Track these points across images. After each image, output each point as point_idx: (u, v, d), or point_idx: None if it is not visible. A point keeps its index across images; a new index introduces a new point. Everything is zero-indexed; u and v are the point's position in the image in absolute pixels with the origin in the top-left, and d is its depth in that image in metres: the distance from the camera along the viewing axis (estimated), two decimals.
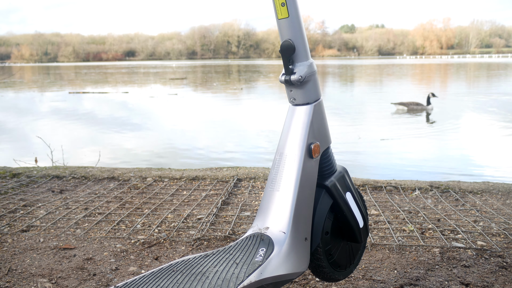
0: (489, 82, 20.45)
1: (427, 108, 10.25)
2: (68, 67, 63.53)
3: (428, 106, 10.26)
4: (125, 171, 3.25)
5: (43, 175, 3.17)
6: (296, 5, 1.16)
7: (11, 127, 9.05)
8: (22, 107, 12.76)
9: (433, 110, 10.20)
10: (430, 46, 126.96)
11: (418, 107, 10.29)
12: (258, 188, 2.81)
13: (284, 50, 1.16)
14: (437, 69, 36.74)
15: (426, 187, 2.78)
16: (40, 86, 22.20)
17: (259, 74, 31.55)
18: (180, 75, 31.25)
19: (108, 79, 27.84)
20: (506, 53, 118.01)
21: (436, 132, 7.80)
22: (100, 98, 14.84)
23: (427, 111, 10.20)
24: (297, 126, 1.21)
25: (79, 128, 8.78)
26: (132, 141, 7.25)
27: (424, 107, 10.27)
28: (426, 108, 10.25)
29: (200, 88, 19.26)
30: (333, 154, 1.33)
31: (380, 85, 19.61)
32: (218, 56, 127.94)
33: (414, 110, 10.24)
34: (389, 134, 7.51)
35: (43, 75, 36.62)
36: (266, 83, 21.71)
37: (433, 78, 24.26)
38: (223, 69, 44.96)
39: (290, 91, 1.22)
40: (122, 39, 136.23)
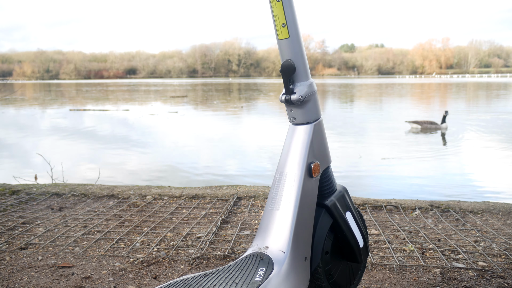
0: (492, 101, 20.53)
1: (441, 127, 10.26)
2: (69, 85, 63.85)
3: (442, 124, 10.27)
4: (125, 189, 3.24)
5: (42, 192, 3.17)
6: (297, 26, 1.18)
7: (12, 143, 9.06)
8: (22, 123, 12.78)
9: (447, 130, 10.21)
10: (429, 65, 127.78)
11: (432, 126, 10.30)
12: (258, 207, 2.80)
13: (285, 70, 1.18)
14: (439, 88, 36.90)
15: (426, 207, 2.77)
16: (41, 103, 22.28)
17: (259, 92, 31.69)
18: (181, 93, 31.39)
19: (109, 97, 27.96)
20: (505, 73, 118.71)
21: (438, 151, 7.80)
22: (100, 116, 14.88)
23: (442, 130, 10.21)
24: (297, 145, 1.21)
25: (79, 145, 8.79)
26: (132, 159, 7.25)
27: (438, 126, 10.28)
28: (440, 127, 10.26)
29: (200, 106, 19.32)
30: (333, 173, 1.33)
31: (388, 104, 19.67)
32: (218, 74, 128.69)
33: (428, 129, 10.25)
34: (396, 153, 7.51)
35: (44, 92, 36.78)
36: (267, 101, 21.79)
37: (440, 98, 24.36)
38: (224, 87, 45.17)
39: (291, 111, 1.23)
40: (123, 57, 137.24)
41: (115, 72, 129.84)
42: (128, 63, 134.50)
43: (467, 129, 10.42)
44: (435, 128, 10.25)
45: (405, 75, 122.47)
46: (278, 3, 1.16)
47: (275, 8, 1.17)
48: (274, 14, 1.17)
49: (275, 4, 1.16)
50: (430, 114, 14.49)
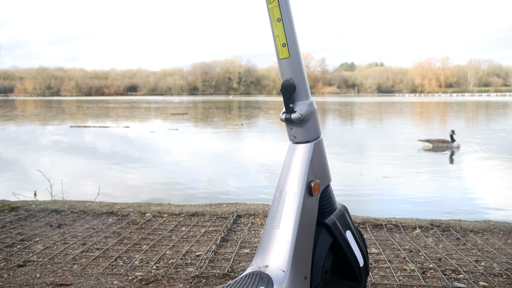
0: (499, 119, 20.58)
1: (453, 145, 10.30)
2: (70, 101, 64.11)
3: (454, 143, 10.32)
4: (124, 206, 3.23)
5: (41, 209, 3.16)
6: (297, 45, 1.20)
7: (12, 160, 9.06)
8: (23, 140, 12.80)
9: (459, 148, 10.24)
10: (428, 84, 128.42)
11: (443, 145, 10.35)
12: (258, 225, 2.79)
13: (285, 89, 1.19)
14: (441, 107, 37.03)
15: (426, 226, 2.76)
16: (41, 119, 22.34)
17: (259, 110, 31.80)
18: (181, 110, 31.50)
19: (109, 114, 28.04)
20: (504, 92, 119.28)
21: (440, 169, 7.80)
22: (101, 132, 14.91)
23: (453, 148, 10.24)
24: (298, 163, 1.22)
25: (79, 162, 8.78)
26: (132, 176, 7.24)
27: (450, 144, 10.33)
28: (452, 145, 10.31)
29: (200, 123, 19.37)
30: (333, 192, 1.33)
31: (390, 122, 19.72)
32: (219, 92, 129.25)
33: (439, 147, 10.28)
34: (398, 171, 7.50)
35: (45, 109, 36.91)
36: (267, 119, 21.86)
37: (444, 116, 24.42)
38: (224, 104, 45.35)
39: (291, 129, 1.24)
40: (124, 74, 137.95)
41: (116, 89, 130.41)
42: (129, 80, 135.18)
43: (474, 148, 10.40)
44: (447, 146, 10.29)
45: (405, 94, 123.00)
46: (278, 23, 1.18)
47: (275, 28, 1.18)
48: (274, 34, 1.19)
49: (275, 24, 1.18)
50: (432, 131, 14.52)
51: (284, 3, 1.18)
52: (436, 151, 9.98)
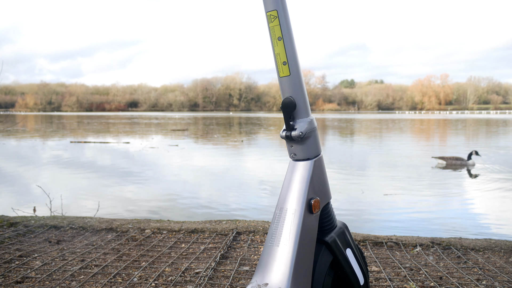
0: (508, 137, 20.60)
1: (468, 163, 10.26)
2: (71, 117, 64.28)
3: (469, 161, 10.29)
4: (124, 222, 3.22)
5: (40, 224, 3.15)
6: (297, 64, 1.21)
7: (11, 175, 9.05)
8: (23, 155, 12.80)
9: (474, 166, 10.20)
10: (428, 101, 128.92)
11: (457, 162, 10.31)
12: (258, 242, 2.78)
13: (285, 107, 1.20)
14: (446, 124, 37.12)
15: (427, 243, 2.75)
16: (42, 134, 22.37)
17: (259, 126, 31.87)
18: (182, 126, 31.57)
19: (110, 129, 28.09)
20: (504, 109, 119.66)
21: (440, 186, 7.79)
22: (101, 148, 14.92)
23: (468, 166, 10.19)
24: (298, 181, 1.22)
25: (79, 177, 8.78)
26: (132, 191, 7.23)
27: (465, 162, 10.29)
28: (467, 163, 10.27)
29: (201, 139, 19.39)
30: (333, 209, 1.33)
31: (393, 139, 19.74)
32: (219, 108, 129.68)
33: (453, 165, 10.26)
34: (400, 188, 7.49)
35: (46, 124, 36.99)
36: (267, 135, 21.88)
37: (452, 133, 24.46)
38: (224, 121, 45.46)
39: (291, 147, 1.24)
40: (125, 90, 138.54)
41: (117, 105, 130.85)
42: (130, 96, 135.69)
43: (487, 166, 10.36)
44: (461, 164, 10.25)
45: (405, 111, 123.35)
46: (279, 42, 1.19)
47: (276, 46, 1.20)
48: (275, 53, 1.20)
49: (276, 43, 1.19)
50: (442, 149, 14.53)
51: (285, 22, 1.19)
52: (450, 168, 9.94)
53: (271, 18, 1.20)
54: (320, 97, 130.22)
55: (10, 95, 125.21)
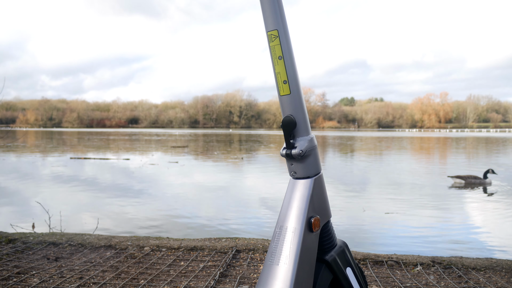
0: (503, 155, 20.61)
1: (485, 182, 10.30)
2: (71, 133, 64.36)
3: (486, 180, 10.34)
4: (123, 239, 3.21)
5: (39, 241, 3.13)
6: (298, 82, 1.22)
7: (11, 191, 9.03)
8: (23, 171, 12.79)
9: (491, 185, 10.20)
10: (428, 119, 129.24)
11: (476, 181, 10.32)
12: (257, 260, 2.76)
13: (286, 125, 1.20)
14: (449, 142, 37.14)
15: (428, 263, 2.73)
16: (42, 150, 22.38)
17: (260, 144, 31.89)
18: (182, 143, 31.60)
19: (110, 146, 28.11)
20: (503, 127, 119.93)
21: (442, 204, 7.77)
22: (101, 164, 14.91)
23: (486, 185, 10.20)
24: (298, 199, 1.22)
25: (78, 193, 8.76)
26: (131, 208, 7.21)
27: (482, 180, 10.32)
28: (484, 182, 10.30)
29: (201, 156, 19.40)
30: (333, 228, 1.33)
31: (395, 157, 19.74)
32: (220, 125, 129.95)
33: (472, 183, 10.25)
34: (401, 207, 7.47)
35: (46, 140, 37.02)
36: (267, 153, 21.89)
37: (454, 152, 24.47)
38: (225, 138, 45.51)
39: (291, 165, 1.25)
40: (126, 106, 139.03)
41: (118, 121, 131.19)
42: (130, 113, 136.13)
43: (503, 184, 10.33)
44: (479, 183, 10.27)
45: (405, 129, 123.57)
46: (280, 61, 1.20)
47: (277, 65, 1.21)
48: (276, 71, 1.21)
49: (277, 62, 1.21)
50: (455, 167, 14.52)
51: (286, 42, 1.20)
52: (468, 187, 9.91)
53: (272, 37, 1.21)
54: (320, 115, 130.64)
55: (11, 111, 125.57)
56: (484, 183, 10.21)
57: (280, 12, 1.21)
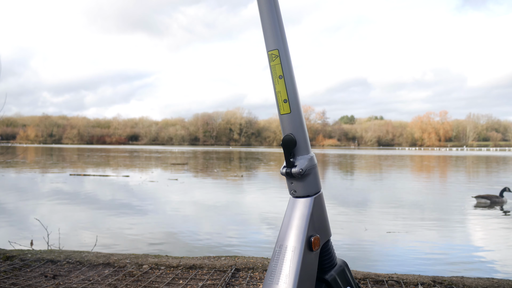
0: (496, 173, 20.58)
1: (502, 200, 10.39)
2: (71, 149, 64.36)
3: (503, 198, 10.43)
4: (121, 257, 3.18)
5: (37, 258, 3.11)
6: (298, 101, 1.23)
7: (10, 207, 9.00)
8: (22, 187, 12.76)
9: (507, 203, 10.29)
10: (428, 138, 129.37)
11: (498, 200, 10.41)
12: (257, 279, 2.74)
13: (286, 144, 1.21)
14: (454, 161, 37.11)
15: (429, 282, 2.71)
16: (41, 167, 22.36)
17: (259, 161, 31.88)
18: (182, 160, 31.58)
19: (110, 162, 28.10)
20: (503, 146, 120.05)
21: (445, 224, 7.73)
22: (100, 181, 14.89)
23: (502, 203, 10.29)
24: (298, 218, 1.22)
25: (77, 210, 8.73)
26: (130, 225, 7.17)
27: (500, 199, 10.41)
28: (502, 200, 10.39)
29: (200, 173, 19.37)
30: (333, 247, 1.32)
31: (397, 177, 19.71)
32: (220, 142, 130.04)
33: (496, 202, 10.33)
34: (403, 226, 7.44)
35: (46, 156, 37.01)
36: (267, 170, 21.87)
37: (463, 170, 24.44)
38: (225, 155, 45.50)
39: (291, 184, 1.25)
40: (127, 123, 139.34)
41: (118, 138, 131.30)
42: (131, 130, 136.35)
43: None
44: (501, 201, 10.37)
45: (405, 147, 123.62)
46: (280, 80, 1.21)
47: (277, 84, 1.22)
48: (276, 90, 1.22)
49: (277, 81, 1.22)
50: (469, 187, 14.49)
51: (286, 61, 1.22)
52: (491, 207, 9.92)
53: (273, 57, 1.22)
54: (320, 133, 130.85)
55: (11, 127, 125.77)
56: (502, 201, 10.31)
57: (280, 31, 1.23)
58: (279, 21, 1.23)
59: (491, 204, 10.17)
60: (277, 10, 1.23)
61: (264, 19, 1.23)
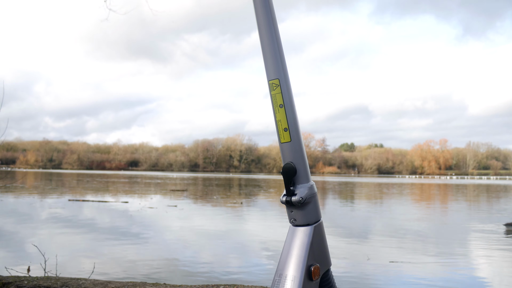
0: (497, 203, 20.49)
1: None
2: (71, 174, 64.21)
3: None
4: (119, 285, 3.15)
5: (33, 285, 3.08)
6: (298, 130, 1.24)
7: (7, 232, 8.94)
8: (20, 212, 12.69)
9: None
10: (428, 166, 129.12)
11: None
12: None
13: (286, 172, 1.21)
14: (460, 190, 36.96)
15: None
16: (40, 192, 22.28)
17: (259, 188, 31.77)
18: (181, 186, 31.49)
19: (109, 188, 28.00)
20: (503, 175, 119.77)
21: (447, 254, 7.66)
22: (99, 207, 14.81)
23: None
24: (297, 247, 1.21)
25: (75, 236, 8.66)
26: (129, 252, 7.11)
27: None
28: None
29: (200, 200, 19.29)
30: (333, 277, 1.31)
31: (398, 204, 19.61)
32: (220, 169, 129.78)
33: None
34: (406, 256, 7.36)
35: (45, 181, 36.90)
36: (266, 198, 21.78)
37: (470, 199, 24.33)
38: (224, 182, 45.38)
39: (291, 212, 1.25)
40: (127, 149, 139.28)
41: (118, 163, 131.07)
42: (131, 155, 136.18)
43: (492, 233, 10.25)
44: None
45: (405, 175, 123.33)
46: (281, 109, 1.23)
47: (278, 113, 1.23)
48: (277, 119, 1.23)
49: (278, 110, 1.23)
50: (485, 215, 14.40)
51: (287, 90, 1.23)
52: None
53: (273, 86, 1.24)
54: (320, 160, 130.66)
55: (11, 152, 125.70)
56: None
57: (281, 61, 1.25)
58: (280, 51, 1.25)
59: None
60: (278, 41, 1.26)
61: (265, 49, 1.25)
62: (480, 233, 10.13)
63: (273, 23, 1.26)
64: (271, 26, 1.26)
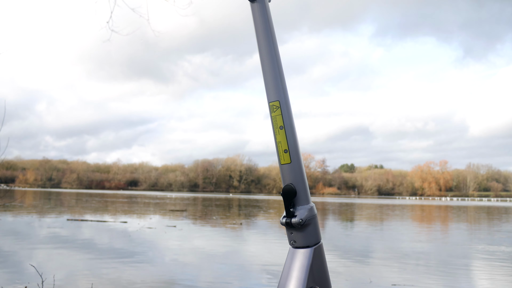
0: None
1: None
2: (70, 194, 64.00)
3: None
4: None
5: None
6: (298, 152, 1.24)
7: (5, 252, 8.87)
8: (18, 231, 12.62)
9: None
10: (428, 187, 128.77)
11: None
12: None
13: (286, 194, 1.21)
14: (464, 211, 36.80)
15: None
16: (39, 211, 22.18)
17: (259, 209, 31.64)
18: (180, 207, 31.35)
19: (108, 208, 27.88)
20: (504, 197, 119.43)
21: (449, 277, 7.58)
22: (98, 227, 14.73)
23: None
24: (297, 269, 1.20)
25: (73, 256, 8.59)
26: (127, 273, 7.04)
27: None
28: None
29: (199, 221, 19.20)
30: None
31: (400, 227, 19.51)
32: (219, 189, 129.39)
33: None
34: (409, 279, 7.29)
35: (44, 200, 36.76)
36: (266, 218, 21.68)
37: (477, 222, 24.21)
38: (224, 202, 45.20)
39: (291, 234, 1.24)
40: (126, 168, 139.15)
41: (117, 183, 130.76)
42: (130, 175, 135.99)
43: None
44: None
45: (405, 197, 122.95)
46: (281, 131, 1.23)
47: (278, 135, 1.24)
48: (277, 141, 1.24)
49: (278, 132, 1.24)
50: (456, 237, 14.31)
51: (287, 112, 1.24)
52: None
53: (274, 108, 1.25)
54: (320, 181, 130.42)
55: (11, 170, 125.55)
56: None
57: (282, 83, 1.26)
58: (281, 73, 1.26)
59: None
60: (279, 63, 1.27)
61: (265, 71, 1.26)
62: (483, 255, 10.05)
63: (274, 45, 1.28)
64: (271, 49, 1.27)
